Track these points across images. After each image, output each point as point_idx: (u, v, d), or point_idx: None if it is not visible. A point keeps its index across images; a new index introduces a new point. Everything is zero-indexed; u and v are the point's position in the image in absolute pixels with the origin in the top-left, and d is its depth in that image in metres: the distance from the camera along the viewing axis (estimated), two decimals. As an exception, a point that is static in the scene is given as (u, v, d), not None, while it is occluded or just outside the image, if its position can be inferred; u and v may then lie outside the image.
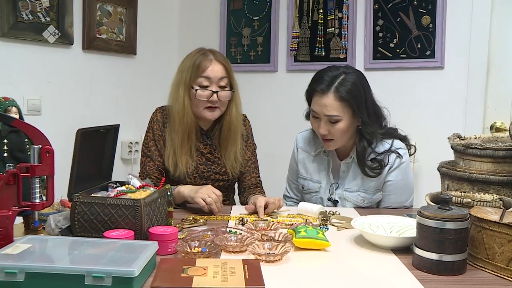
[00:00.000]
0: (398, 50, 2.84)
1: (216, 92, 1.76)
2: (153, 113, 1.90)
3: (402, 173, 1.77)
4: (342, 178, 1.82)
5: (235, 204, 1.97)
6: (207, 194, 1.61)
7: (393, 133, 1.80)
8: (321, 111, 1.69)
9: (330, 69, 1.74)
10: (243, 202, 1.92)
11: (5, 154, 1.30)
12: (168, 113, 1.85)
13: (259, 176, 1.97)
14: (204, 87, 1.76)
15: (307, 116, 1.84)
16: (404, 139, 1.81)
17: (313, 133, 1.89)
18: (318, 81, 1.71)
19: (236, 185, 2.01)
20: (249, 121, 1.99)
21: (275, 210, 1.66)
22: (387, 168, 1.75)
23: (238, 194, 1.98)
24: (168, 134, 1.82)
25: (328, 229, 1.45)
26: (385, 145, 1.76)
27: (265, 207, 1.62)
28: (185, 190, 1.69)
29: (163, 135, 1.84)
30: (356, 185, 1.79)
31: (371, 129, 1.72)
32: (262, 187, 1.97)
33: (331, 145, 1.76)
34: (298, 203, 1.74)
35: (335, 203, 1.81)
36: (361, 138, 1.75)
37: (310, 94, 1.76)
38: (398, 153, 1.76)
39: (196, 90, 1.75)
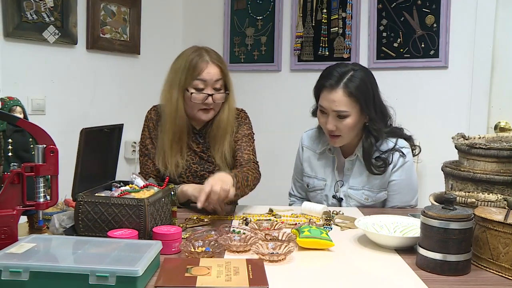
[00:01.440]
0: (402, 50, 2.83)
1: (212, 95, 1.75)
2: (148, 112, 1.90)
3: (406, 172, 1.78)
4: (347, 176, 1.82)
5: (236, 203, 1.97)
6: None
7: (398, 132, 1.81)
8: (329, 107, 1.70)
9: (339, 65, 1.76)
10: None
11: (10, 154, 1.31)
12: (160, 112, 1.84)
13: (253, 154, 1.86)
14: (200, 90, 1.74)
15: (314, 113, 1.85)
16: (409, 139, 1.83)
17: (318, 131, 1.90)
18: (327, 76, 1.72)
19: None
20: (244, 113, 1.94)
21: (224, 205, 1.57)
22: (391, 167, 1.76)
23: None
24: (159, 133, 1.82)
25: (331, 229, 1.45)
26: (389, 143, 1.78)
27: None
28: (189, 189, 1.69)
29: (158, 133, 1.84)
30: (360, 183, 1.79)
31: (378, 126, 1.74)
32: (257, 164, 1.86)
33: (337, 142, 1.76)
34: (302, 200, 1.74)
35: (339, 200, 1.82)
36: (368, 135, 1.76)
37: (318, 90, 1.77)
38: (402, 152, 1.76)
39: (192, 93, 1.74)
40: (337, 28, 2.95)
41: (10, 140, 1.31)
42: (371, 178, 1.78)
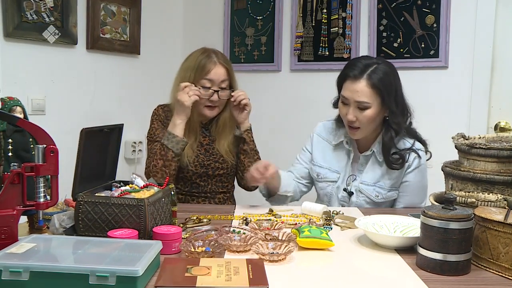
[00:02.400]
0: (402, 50, 2.83)
1: (217, 91, 1.87)
2: (155, 109, 1.99)
3: (420, 174, 1.79)
4: (360, 171, 1.83)
5: (235, 203, 2.01)
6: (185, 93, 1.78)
7: (415, 134, 1.82)
8: (351, 97, 1.70)
9: (363, 57, 1.80)
10: (245, 185, 2.02)
11: (10, 154, 1.31)
12: (171, 109, 1.92)
13: (259, 158, 2.00)
14: (207, 88, 1.86)
15: (335, 104, 1.86)
16: (424, 143, 1.83)
17: (335, 123, 1.91)
18: (351, 67, 1.73)
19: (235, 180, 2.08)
20: None
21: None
22: (405, 166, 1.77)
23: (238, 182, 2.06)
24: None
25: (331, 228, 1.45)
26: (406, 143, 1.78)
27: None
28: (173, 120, 1.82)
29: (167, 128, 1.90)
30: (373, 179, 1.80)
31: (398, 120, 1.74)
32: None
33: (356, 134, 1.76)
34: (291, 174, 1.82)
35: (350, 194, 1.81)
36: (388, 128, 1.76)
37: (342, 80, 1.77)
38: (418, 154, 1.77)
39: (199, 88, 1.85)
40: (337, 28, 2.95)
41: (10, 140, 1.31)
42: (384, 176, 1.79)
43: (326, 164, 1.88)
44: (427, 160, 1.84)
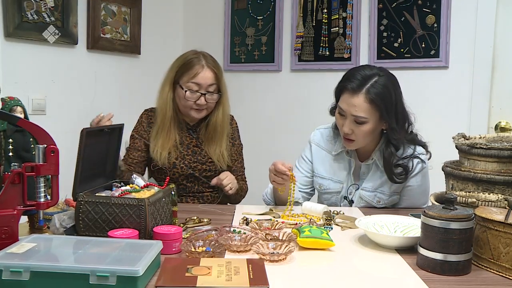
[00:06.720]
0: (402, 50, 2.83)
1: (204, 94, 1.84)
2: (140, 115, 2.01)
3: (422, 178, 1.78)
4: (361, 179, 1.80)
5: (228, 203, 2.00)
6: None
7: (416, 140, 1.78)
8: (348, 110, 1.65)
9: (364, 68, 1.71)
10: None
11: (10, 154, 1.31)
12: (155, 114, 1.94)
13: (244, 175, 2.07)
14: (193, 91, 1.84)
15: (332, 112, 1.81)
16: (424, 145, 1.79)
17: (333, 131, 1.86)
18: (350, 79, 1.66)
19: None
20: (235, 122, 2.07)
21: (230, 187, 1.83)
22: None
23: None
24: (154, 128, 1.92)
25: (332, 228, 1.45)
26: (408, 150, 1.75)
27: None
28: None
29: (145, 135, 1.93)
30: (374, 186, 1.77)
31: (398, 136, 1.69)
32: (246, 181, 2.08)
33: (352, 145, 1.73)
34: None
35: (350, 203, 1.80)
36: (388, 144, 1.72)
37: (340, 91, 1.72)
38: (421, 159, 1.75)
39: (186, 91, 1.83)
40: (337, 28, 2.95)
41: (10, 140, 1.31)
42: (386, 182, 1.76)
43: (328, 175, 1.84)
44: (427, 159, 1.83)
